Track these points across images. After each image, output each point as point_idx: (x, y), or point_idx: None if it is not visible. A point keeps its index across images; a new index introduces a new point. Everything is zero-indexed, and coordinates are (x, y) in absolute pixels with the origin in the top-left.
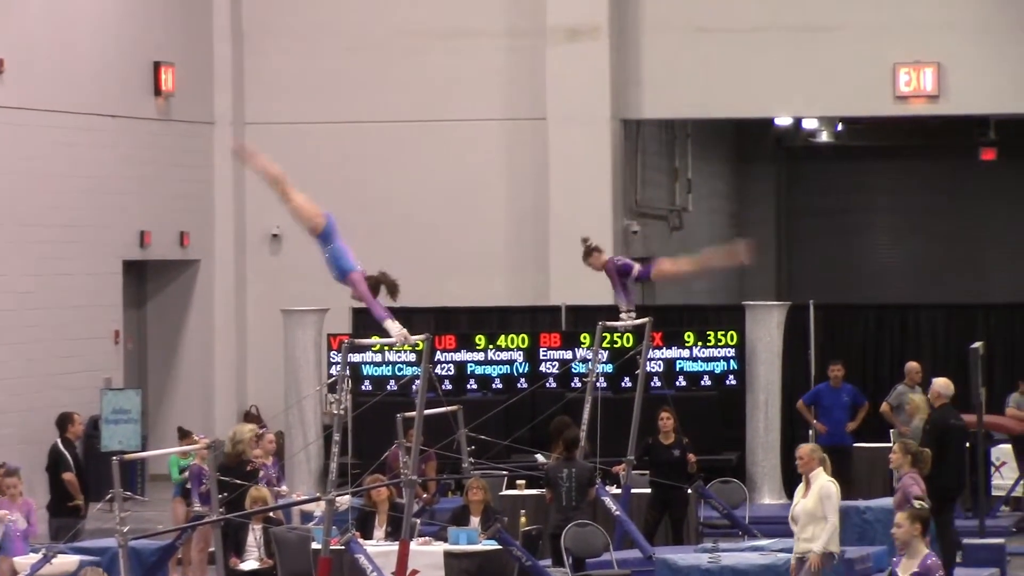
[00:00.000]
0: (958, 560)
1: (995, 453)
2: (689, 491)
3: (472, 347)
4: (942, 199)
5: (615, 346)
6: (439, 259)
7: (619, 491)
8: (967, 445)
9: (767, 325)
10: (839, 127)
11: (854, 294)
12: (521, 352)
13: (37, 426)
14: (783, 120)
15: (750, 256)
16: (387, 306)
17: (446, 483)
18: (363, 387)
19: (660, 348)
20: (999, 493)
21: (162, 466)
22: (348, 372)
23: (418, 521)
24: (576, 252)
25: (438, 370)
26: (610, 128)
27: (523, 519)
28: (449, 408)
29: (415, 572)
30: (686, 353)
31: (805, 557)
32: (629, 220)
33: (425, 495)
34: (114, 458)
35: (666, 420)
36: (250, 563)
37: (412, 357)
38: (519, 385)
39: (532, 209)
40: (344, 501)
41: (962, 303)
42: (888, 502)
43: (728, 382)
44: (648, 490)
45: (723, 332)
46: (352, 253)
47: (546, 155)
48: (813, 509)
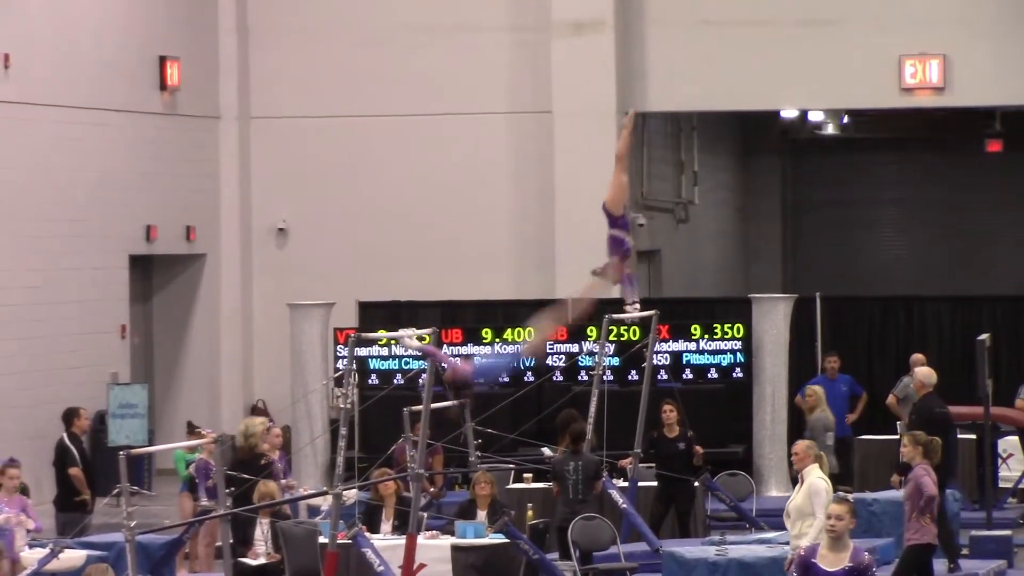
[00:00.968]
0: (964, 552)
1: (1002, 445)
2: (696, 484)
3: (479, 341)
4: (948, 191)
5: (621, 339)
6: (445, 253)
7: (626, 484)
8: (957, 433)
9: (773, 318)
10: (845, 119)
11: (860, 286)
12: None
13: (43, 421)
14: (789, 113)
15: (629, 121)
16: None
17: (453, 477)
18: (370, 381)
19: (667, 341)
20: (1006, 485)
21: (169, 461)
22: (355, 366)
23: (425, 515)
24: (581, 246)
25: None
26: (616, 121)
27: (530, 512)
28: (456, 402)
29: (422, 566)
30: (693, 346)
31: None
32: (635, 213)
33: (432, 489)
34: (121, 453)
35: (668, 413)
36: (259, 559)
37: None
38: (526, 379)
39: (538, 203)
40: (351, 495)
41: (968, 295)
42: (895, 494)
43: (735, 375)
44: (655, 483)
45: (730, 325)
46: None
47: (552, 149)
48: (802, 505)
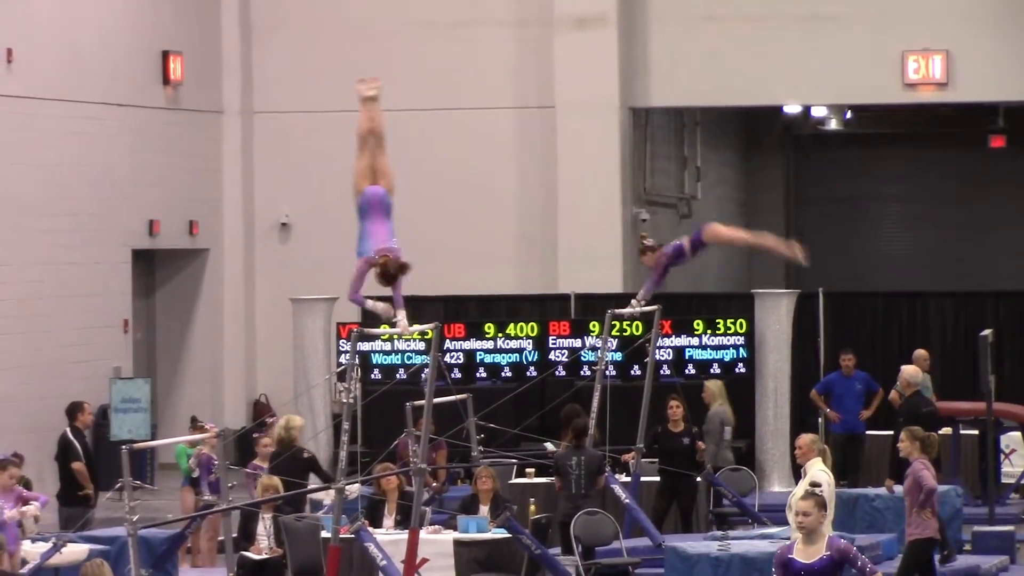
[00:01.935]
0: (967, 548)
1: (1004, 441)
2: (698, 479)
3: (481, 335)
4: (951, 187)
5: (624, 334)
6: (448, 248)
7: (628, 479)
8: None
9: (776, 313)
10: (848, 115)
11: (863, 282)
12: (530, 340)
13: (46, 415)
14: (792, 108)
15: (804, 258)
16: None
17: (455, 471)
18: (372, 376)
19: (669, 336)
20: (1009, 480)
21: (171, 455)
22: (357, 361)
23: (428, 509)
24: (583, 240)
25: (447, 358)
26: (619, 116)
27: (532, 507)
28: (458, 396)
29: (424, 560)
30: (695, 341)
31: None
32: (638, 208)
33: (435, 483)
34: (123, 447)
35: (675, 408)
36: (261, 554)
37: (421, 346)
38: (528, 373)
39: (541, 197)
40: (353, 489)
41: (971, 290)
42: (897, 489)
43: (737, 370)
44: (657, 478)
45: (732, 320)
46: (382, 235)
47: (555, 143)
48: None
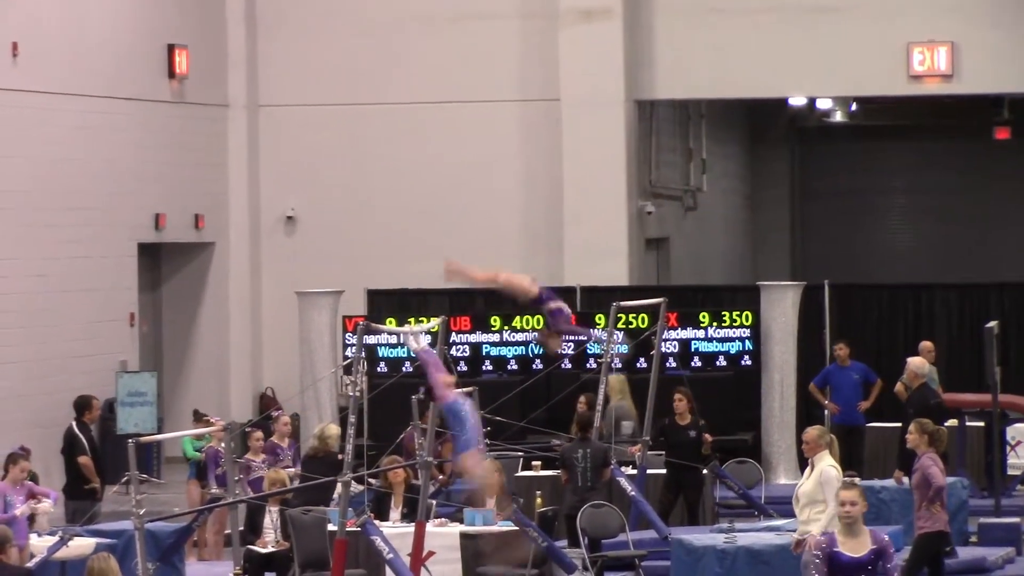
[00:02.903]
0: (972, 539)
1: (1010, 432)
2: (704, 472)
3: (487, 329)
4: (956, 178)
5: (630, 327)
6: (453, 241)
7: (635, 472)
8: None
9: (782, 305)
10: (853, 107)
11: (868, 274)
12: (536, 333)
13: (52, 409)
14: (797, 100)
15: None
16: None
17: None
18: (379, 369)
19: (675, 329)
20: (1015, 472)
21: (178, 448)
22: (363, 354)
23: (434, 502)
24: (588, 233)
25: (453, 351)
26: (624, 109)
27: (539, 500)
28: (464, 390)
29: (431, 553)
30: (701, 334)
31: (805, 538)
32: (643, 201)
33: (441, 476)
34: (130, 441)
35: (679, 402)
36: (267, 547)
37: (428, 339)
38: (534, 366)
39: (546, 190)
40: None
41: (976, 282)
42: (906, 481)
43: (743, 362)
44: (663, 471)
45: (738, 313)
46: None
47: (560, 136)
48: (813, 492)
